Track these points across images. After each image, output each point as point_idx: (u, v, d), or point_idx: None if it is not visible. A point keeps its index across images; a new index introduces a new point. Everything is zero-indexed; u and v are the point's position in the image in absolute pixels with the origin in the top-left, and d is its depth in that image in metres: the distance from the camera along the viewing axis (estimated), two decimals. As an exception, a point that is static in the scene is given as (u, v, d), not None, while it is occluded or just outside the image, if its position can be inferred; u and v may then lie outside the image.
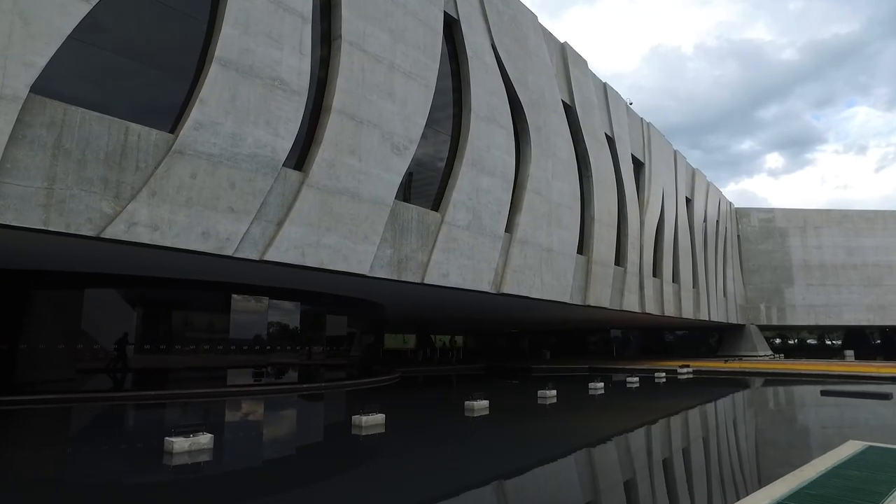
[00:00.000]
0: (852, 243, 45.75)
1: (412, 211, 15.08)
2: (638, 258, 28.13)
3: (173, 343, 15.48)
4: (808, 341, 62.07)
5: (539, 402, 14.06)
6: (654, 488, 6.19)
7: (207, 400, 14.55)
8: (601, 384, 16.50)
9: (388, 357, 40.71)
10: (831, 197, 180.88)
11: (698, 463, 7.35)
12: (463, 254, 16.35)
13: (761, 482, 5.86)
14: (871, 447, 6.39)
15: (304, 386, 17.33)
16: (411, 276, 14.78)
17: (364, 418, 9.37)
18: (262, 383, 16.37)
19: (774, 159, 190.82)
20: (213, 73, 10.80)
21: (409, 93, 15.20)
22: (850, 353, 42.28)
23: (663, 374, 22.50)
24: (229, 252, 10.83)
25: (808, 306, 44.99)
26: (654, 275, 30.47)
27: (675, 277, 33.16)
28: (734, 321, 43.19)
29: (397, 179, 14.55)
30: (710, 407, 12.83)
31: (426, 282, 15.09)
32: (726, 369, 25.81)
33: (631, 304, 26.92)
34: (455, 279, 15.98)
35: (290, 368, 17.38)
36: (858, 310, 44.84)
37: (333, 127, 13.07)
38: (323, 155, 12.78)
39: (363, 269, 13.39)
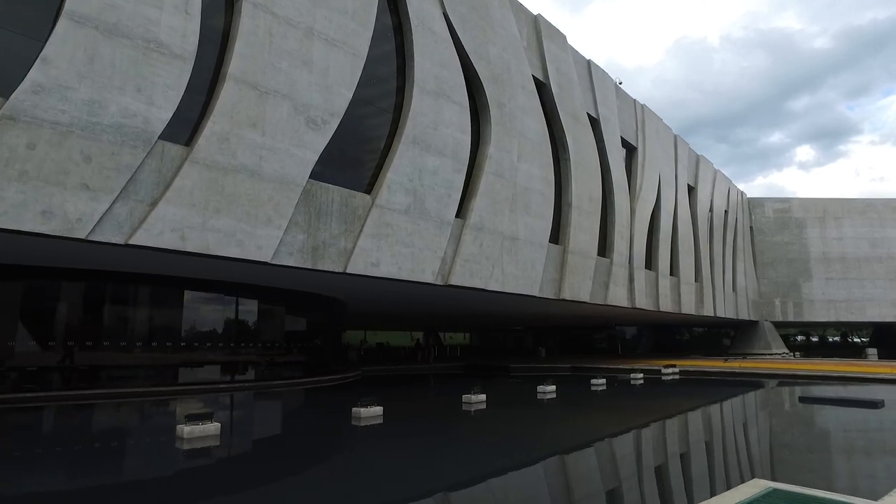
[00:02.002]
0: (877, 234, 42.60)
1: (333, 192, 13.58)
2: (627, 249, 26.14)
3: (92, 339, 14.33)
4: (832, 339, 58.71)
5: (464, 407, 12.42)
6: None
7: (109, 401, 13.36)
8: (552, 387, 14.74)
9: (386, 356, 39.45)
10: (866, 190, 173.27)
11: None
12: (399, 240, 14.79)
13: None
14: (774, 491, 4.67)
15: (223, 385, 16.02)
16: (330, 265, 13.29)
17: (188, 428, 7.95)
18: (180, 383, 15.11)
19: (805, 152, 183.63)
20: (63, 29, 9.47)
21: (332, 62, 13.69)
22: (872, 351, 39.39)
23: (640, 376, 20.54)
24: (81, 235, 9.50)
25: (827, 301, 42.07)
26: (648, 267, 28.41)
27: (674, 270, 31.00)
28: (745, 317, 40.63)
29: (313, 157, 13.07)
30: (648, 429, 10.29)
31: (350, 271, 13.59)
32: (718, 369, 23.69)
33: (618, 298, 24.98)
34: (388, 269, 14.43)
35: (217, 366, 16.10)
36: (884, 305, 41.73)
37: (228, 97, 11.65)
38: (213, 128, 11.37)
39: (264, 256, 11.96)
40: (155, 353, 14.83)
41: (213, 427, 8.27)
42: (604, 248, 24.86)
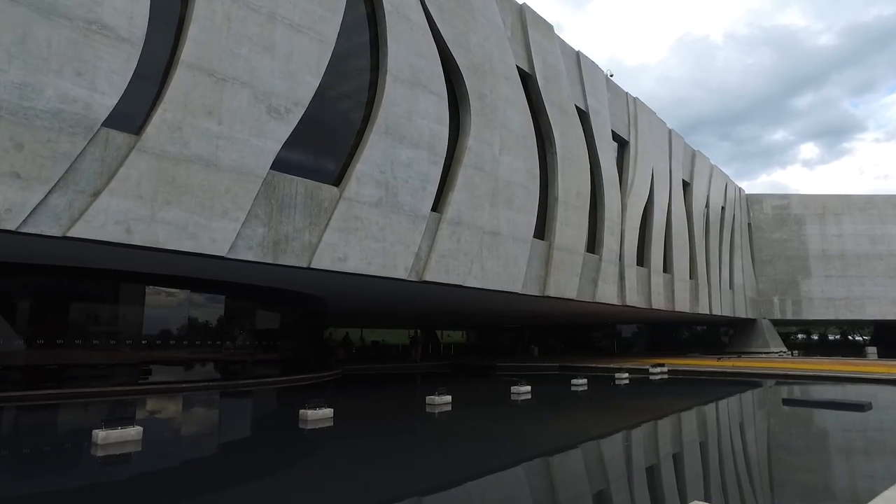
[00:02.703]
0: (877, 231, 41.79)
1: (297, 184, 13.02)
2: (617, 245, 25.52)
3: (44, 338, 13.82)
4: (831, 337, 57.90)
5: (427, 409, 11.84)
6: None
7: (62, 402, 12.84)
8: (527, 388, 14.14)
9: (379, 354, 38.95)
10: (871, 188, 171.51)
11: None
12: (369, 235, 14.23)
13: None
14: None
15: (186, 385, 15.43)
16: (293, 260, 12.74)
17: (103, 433, 7.39)
18: (141, 382, 14.58)
19: (809, 149, 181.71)
20: (-9, 8, 8.93)
21: (296, 48, 13.12)
22: (872, 350, 38.71)
23: (626, 376, 19.89)
24: (10, 226, 8.96)
25: (826, 299, 41.31)
26: (641, 264, 27.77)
27: (667, 267, 30.34)
28: (743, 315, 39.92)
29: (275, 147, 12.52)
30: (610, 438, 9.38)
31: (314, 266, 13.03)
32: (709, 369, 23.05)
33: (607, 295, 24.36)
34: (356, 264, 13.87)
35: (181, 365, 15.55)
36: (884, 303, 40.92)
37: (181, 83, 11.10)
38: (164, 116, 10.82)
39: (219, 250, 11.41)
40: (115, 352, 14.30)
41: (133, 432, 7.71)
42: (593, 244, 24.25)
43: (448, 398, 12.10)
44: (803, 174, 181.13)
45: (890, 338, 47.32)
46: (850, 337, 57.65)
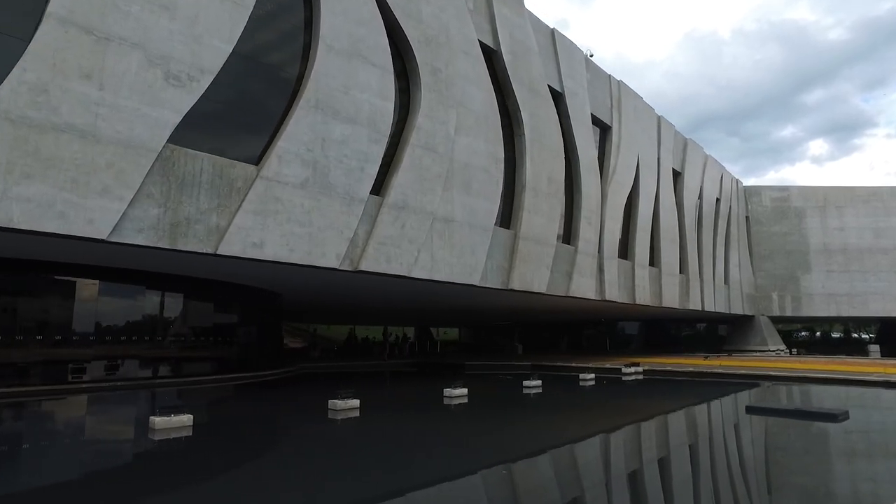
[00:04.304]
0: (881, 224, 39.81)
1: (202, 161, 11.58)
2: (596, 236, 23.93)
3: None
4: (834, 335, 55.88)
5: (329, 415, 10.36)
6: None
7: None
8: (462, 391, 12.61)
9: (360, 351, 37.66)
10: (881, 184, 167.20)
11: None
12: (292, 218, 12.78)
13: None
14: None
15: (86, 384, 13.96)
16: (196, 245, 11.32)
17: None
18: (46, 382, 13.18)
19: (818, 146, 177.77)
20: None
21: (203, 9, 11.68)
22: (875, 348, 36.81)
23: (591, 377, 18.26)
24: None
25: (827, 295, 39.43)
26: (624, 257, 26.17)
27: (654, 261, 28.69)
28: (739, 312, 38.16)
29: (174, 118, 11.08)
30: (526, 462, 7.53)
31: (223, 252, 11.61)
32: (690, 369, 21.42)
33: (583, 289, 22.79)
34: (275, 251, 12.43)
35: (84, 363, 14.10)
36: (888, 299, 38.98)
37: (49, 40, 9.69)
38: (24, 76, 9.41)
39: (97, 233, 10.01)
40: (11, 350, 12.92)
41: None
42: (568, 234, 22.70)
43: (356, 402, 10.60)
44: (812, 171, 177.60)
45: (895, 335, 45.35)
46: (853, 334, 55.64)
